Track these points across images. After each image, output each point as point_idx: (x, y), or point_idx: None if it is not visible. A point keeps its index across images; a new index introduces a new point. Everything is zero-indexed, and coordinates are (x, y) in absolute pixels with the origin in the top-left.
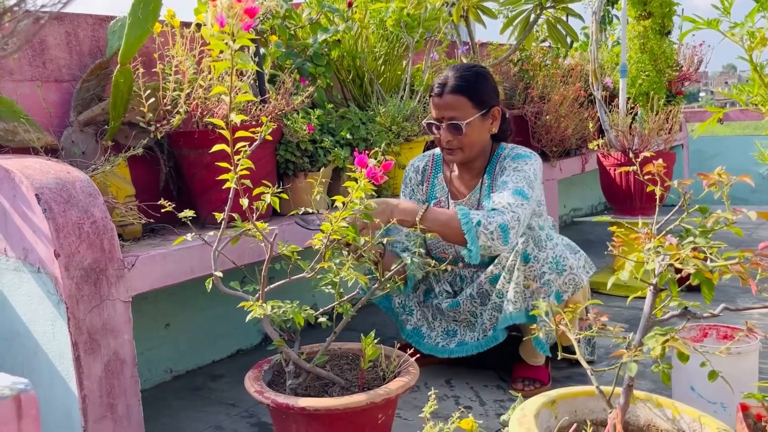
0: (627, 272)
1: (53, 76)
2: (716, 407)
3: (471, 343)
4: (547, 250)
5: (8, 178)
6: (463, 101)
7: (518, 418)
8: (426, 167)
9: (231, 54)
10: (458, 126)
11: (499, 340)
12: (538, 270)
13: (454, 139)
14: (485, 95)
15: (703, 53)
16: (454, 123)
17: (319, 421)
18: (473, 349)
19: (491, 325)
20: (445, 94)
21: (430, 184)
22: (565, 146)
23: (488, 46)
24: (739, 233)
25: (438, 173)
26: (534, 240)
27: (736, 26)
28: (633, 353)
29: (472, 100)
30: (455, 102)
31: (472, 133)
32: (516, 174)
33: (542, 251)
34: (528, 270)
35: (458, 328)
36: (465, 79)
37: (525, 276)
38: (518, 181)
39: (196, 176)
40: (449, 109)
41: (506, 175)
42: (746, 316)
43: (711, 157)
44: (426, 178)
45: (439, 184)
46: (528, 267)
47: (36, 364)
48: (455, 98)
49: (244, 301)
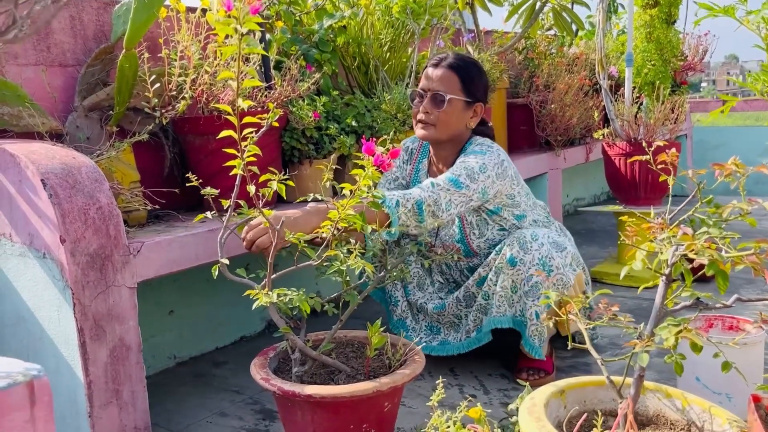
0: (639, 262)
1: (58, 61)
2: (721, 398)
3: (453, 343)
4: (533, 252)
5: (14, 163)
6: (454, 79)
7: (528, 408)
8: (414, 150)
9: (238, 38)
10: (441, 98)
11: (483, 341)
12: (525, 273)
13: (432, 112)
14: (476, 86)
15: (708, 43)
16: (438, 94)
17: (325, 408)
18: (455, 350)
19: (475, 326)
20: (440, 66)
21: (414, 168)
22: (570, 135)
23: (493, 34)
24: (753, 224)
25: (423, 158)
26: (519, 242)
27: (751, 13)
28: (645, 344)
29: (462, 83)
30: (447, 77)
31: (450, 113)
32: (459, 164)
33: (528, 253)
34: (515, 274)
35: (441, 327)
36: (463, 61)
37: (512, 280)
38: (457, 170)
39: (201, 162)
40: (438, 81)
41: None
42: (751, 307)
43: (714, 147)
44: (412, 160)
45: (423, 169)
46: (515, 270)
47: (41, 350)
48: (448, 73)
49: (250, 289)
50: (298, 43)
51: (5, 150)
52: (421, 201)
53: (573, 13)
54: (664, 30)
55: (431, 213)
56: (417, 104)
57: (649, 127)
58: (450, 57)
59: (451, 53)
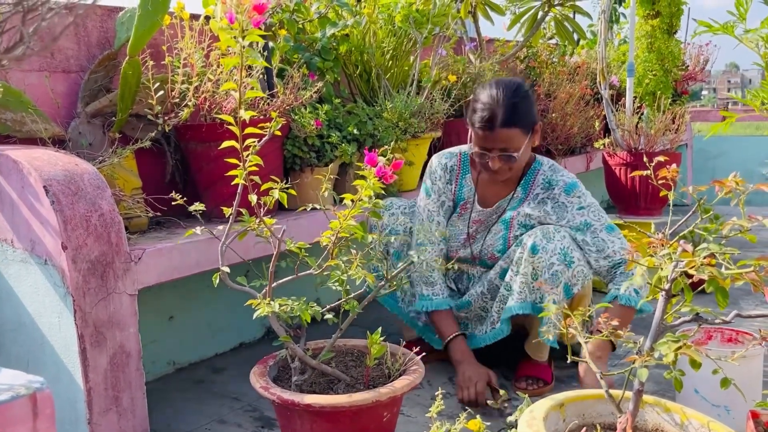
0: (639, 278)
1: (61, 67)
2: (720, 410)
3: (479, 336)
4: (555, 242)
5: (16, 170)
6: (513, 133)
7: (527, 421)
8: (454, 167)
9: (240, 50)
10: (511, 157)
11: (505, 333)
12: (546, 261)
13: (505, 166)
14: (531, 116)
15: (709, 53)
16: (507, 154)
17: (324, 418)
18: (481, 342)
19: (498, 317)
20: (496, 128)
21: (458, 185)
22: (570, 144)
23: (495, 43)
24: (753, 240)
25: (466, 174)
26: (542, 232)
27: (750, 32)
28: (644, 359)
29: (522, 129)
30: (506, 135)
31: (522, 158)
32: (590, 210)
33: (550, 242)
34: (536, 261)
35: (469, 322)
36: (514, 108)
37: (533, 267)
38: (599, 217)
39: (202, 170)
40: (499, 142)
41: (580, 215)
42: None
43: (714, 156)
44: (454, 177)
45: (467, 185)
46: (536, 258)
47: (42, 356)
48: (507, 132)
49: (251, 298)
50: (301, 51)
51: (8, 156)
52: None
53: (575, 22)
54: (665, 40)
55: None
56: (482, 159)
57: (649, 137)
58: (499, 111)
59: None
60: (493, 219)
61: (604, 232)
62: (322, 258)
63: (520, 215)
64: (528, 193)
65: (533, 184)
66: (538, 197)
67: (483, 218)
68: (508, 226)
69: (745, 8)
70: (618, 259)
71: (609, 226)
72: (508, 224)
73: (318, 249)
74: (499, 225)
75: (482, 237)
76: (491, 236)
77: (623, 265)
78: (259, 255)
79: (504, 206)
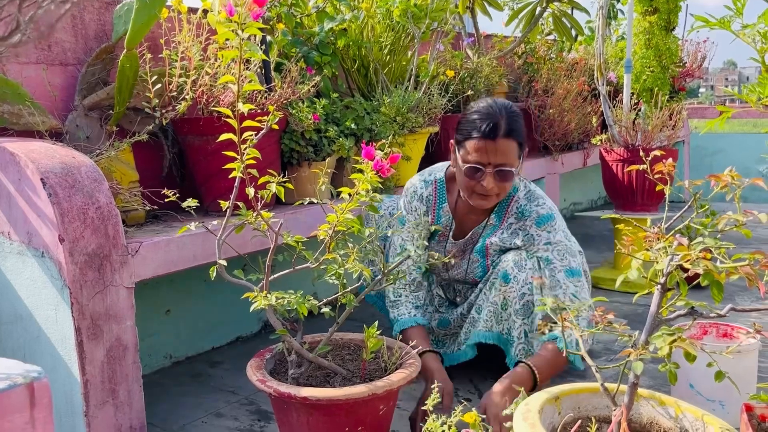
0: (635, 271)
1: (58, 60)
2: (715, 405)
3: (448, 354)
4: (527, 270)
5: (13, 162)
6: (513, 147)
7: (522, 414)
8: (430, 197)
9: (239, 43)
10: (509, 174)
11: (469, 356)
12: (517, 291)
13: (497, 186)
14: (525, 137)
15: (706, 50)
16: (504, 170)
17: (320, 410)
18: (447, 362)
19: (465, 339)
20: (498, 138)
21: (435, 214)
22: (568, 140)
23: (493, 38)
24: (749, 235)
25: (443, 203)
26: (514, 260)
27: (747, 27)
28: (639, 352)
29: (519, 146)
30: (508, 148)
31: (513, 179)
32: (556, 249)
33: (522, 271)
34: (508, 290)
35: (447, 339)
36: (515, 121)
37: (504, 297)
38: (563, 258)
39: (200, 163)
40: (500, 155)
41: (544, 250)
42: (744, 315)
43: (711, 153)
44: (431, 207)
45: (444, 214)
46: (508, 288)
47: (38, 349)
48: (508, 144)
49: (248, 291)
50: (299, 46)
51: (5, 148)
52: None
53: (573, 18)
54: (663, 37)
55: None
56: (474, 176)
57: (646, 134)
58: (502, 121)
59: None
60: (468, 247)
61: (563, 273)
62: (319, 252)
63: (494, 245)
64: (502, 221)
65: (507, 212)
66: (511, 227)
67: (457, 249)
68: (484, 255)
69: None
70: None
71: (570, 270)
72: (483, 252)
73: (315, 243)
74: (475, 254)
75: (458, 265)
76: (468, 264)
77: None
78: (257, 249)
79: (479, 232)
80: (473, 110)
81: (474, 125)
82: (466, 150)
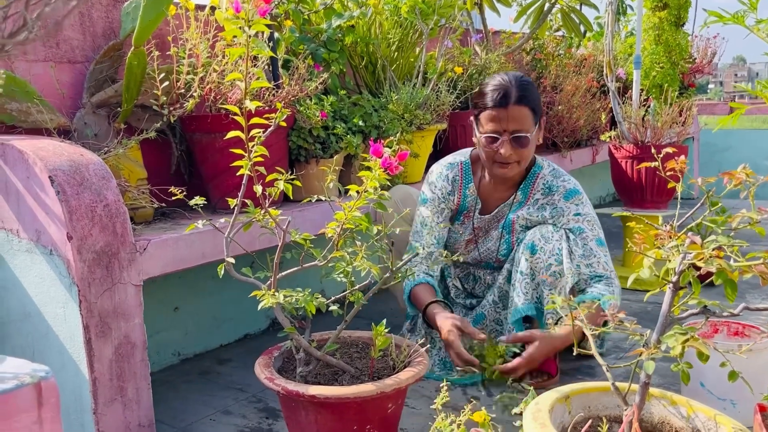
0: (647, 270)
1: (66, 57)
2: (726, 404)
3: None
4: (554, 242)
5: (22, 160)
6: (526, 112)
7: (533, 413)
8: (456, 177)
9: (246, 40)
10: (525, 139)
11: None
12: (544, 262)
13: (515, 152)
14: (539, 104)
15: (716, 45)
16: (520, 136)
17: (328, 409)
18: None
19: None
20: (510, 105)
21: (462, 194)
22: (577, 137)
23: (501, 35)
24: (762, 233)
25: (468, 183)
26: (541, 231)
27: (761, 22)
28: (651, 352)
29: (533, 112)
30: (520, 113)
31: (532, 147)
32: (586, 219)
33: (548, 243)
34: (535, 261)
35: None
36: (525, 88)
37: (531, 268)
38: (593, 228)
39: (207, 161)
40: (514, 121)
41: (574, 221)
42: (755, 313)
43: (721, 150)
44: (457, 188)
45: (470, 194)
46: (535, 258)
47: (47, 346)
48: (520, 110)
49: (256, 289)
50: (307, 42)
51: (13, 146)
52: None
53: (581, 14)
54: (672, 32)
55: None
56: (492, 146)
57: (656, 130)
58: (512, 89)
59: (505, 81)
60: (494, 224)
61: (594, 242)
62: (327, 249)
63: (520, 218)
64: (528, 197)
65: (533, 188)
66: (537, 202)
67: (483, 224)
68: (510, 230)
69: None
70: (600, 272)
71: (599, 240)
72: (509, 228)
73: (323, 240)
74: (500, 230)
75: (483, 242)
76: (492, 241)
77: (603, 279)
78: (264, 246)
79: (505, 211)
80: (485, 84)
81: (486, 97)
82: (482, 123)
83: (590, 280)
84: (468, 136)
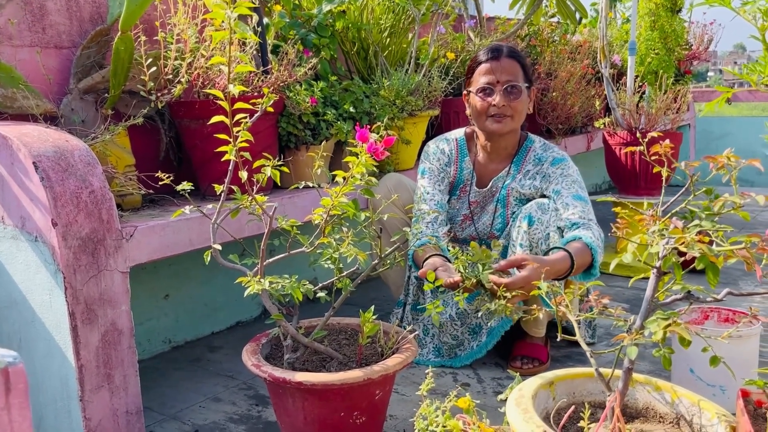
0: (630, 255)
1: (53, 42)
2: (715, 390)
3: (496, 327)
4: (550, 212)
5: (6, 146)
6: (517, 67)
7: (515, 399)
8: (452, 151)
9: (229, 23)
10: (516, 88)
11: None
12: (542, 232)
13: (508, 104)
14: (529, 70)
15: (713, 32)
16: (512, 85)
17: (315, 395)
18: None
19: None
20: (502, 57)
21: (458, 167)
22: (571, 124)
23: (495, 21)
24: (746, 217)
25: (464, 157)
26: (538, 204)
27: (747, 3)
28: (634, 337)
29: (523, 70)
30: (512, 66)
31: (523, 101)
32: (566, 180)
33: (545, 213)
34: (533, 232)
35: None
36: (516, 50)
37: (529, 239)
38: (571, 186)
39: (196, 147)
40: (506, 72)
41: (555, 183)
42: (748, 300)
43: (718, 137)
44: (453, 161)
45: (466, 167)
46: (532, 230)
47: (33, 334)
48: (512, 63)
49: (242, 276)
50: (297, 28)
51: None
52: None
53: (576, 0)
54: (668, 18)
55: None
56: (486, 99)
57: (650, 117)
58: (503, 47)
59: (496, 44)
60: (489, 198)
61: (570, 197)
62: (314, 236)
63: (514, 191)
64: (520, 169)
65: (525, 161)
66: (529, 173)
67: (480, 198)
68: (504, 204)
69: None
70: (576, 220)
71: (577, 195)
72: (504, 202)
73: (312, 227)
74: (495, 204)
75: (479, 217)
76: (488, 216)
77: (581, 226)
78: (254, 233)
79: (498, 184)
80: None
81: (480, 55)
82: (476, 81)
83: (567, 229)
84: (461, 122)
